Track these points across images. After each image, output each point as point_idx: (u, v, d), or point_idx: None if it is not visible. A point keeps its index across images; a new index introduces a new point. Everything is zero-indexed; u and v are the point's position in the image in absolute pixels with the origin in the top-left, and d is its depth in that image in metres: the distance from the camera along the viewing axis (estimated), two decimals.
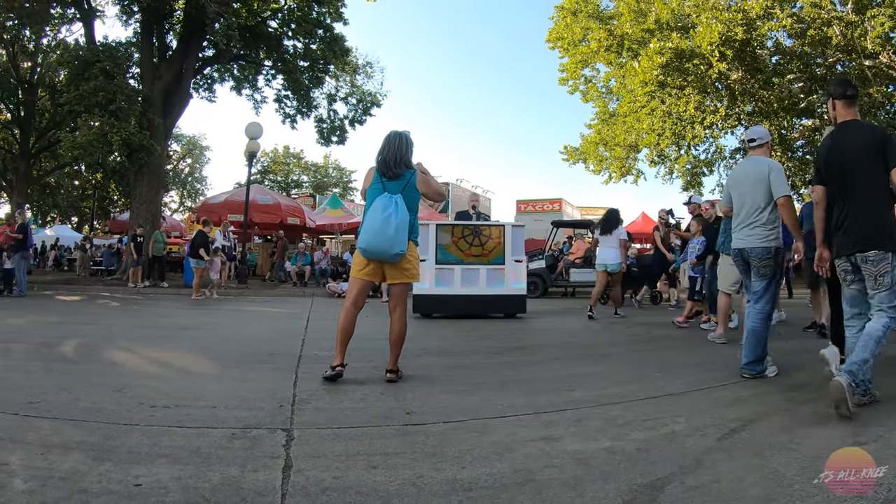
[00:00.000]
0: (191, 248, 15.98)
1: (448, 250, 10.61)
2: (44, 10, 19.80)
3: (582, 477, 2.80)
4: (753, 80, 21.09)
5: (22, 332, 7.64)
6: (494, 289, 10.66)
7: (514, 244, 10.83)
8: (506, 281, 10.72)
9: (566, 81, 27.55)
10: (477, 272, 10.63)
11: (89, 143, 17.83)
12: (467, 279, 10.58)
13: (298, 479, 2.77)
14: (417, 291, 10.50)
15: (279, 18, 23.09)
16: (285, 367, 5.58)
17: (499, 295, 10.70)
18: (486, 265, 10.66)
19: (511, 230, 10.93)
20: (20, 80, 25.87)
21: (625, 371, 5.65)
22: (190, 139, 59.51)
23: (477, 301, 10.60)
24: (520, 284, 10.91)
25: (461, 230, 10.84)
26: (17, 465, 2.86)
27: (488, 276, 10.65)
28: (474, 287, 10.57)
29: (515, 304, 10.85)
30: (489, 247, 10.73)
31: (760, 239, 5.24)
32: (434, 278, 10.50)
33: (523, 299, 10.95)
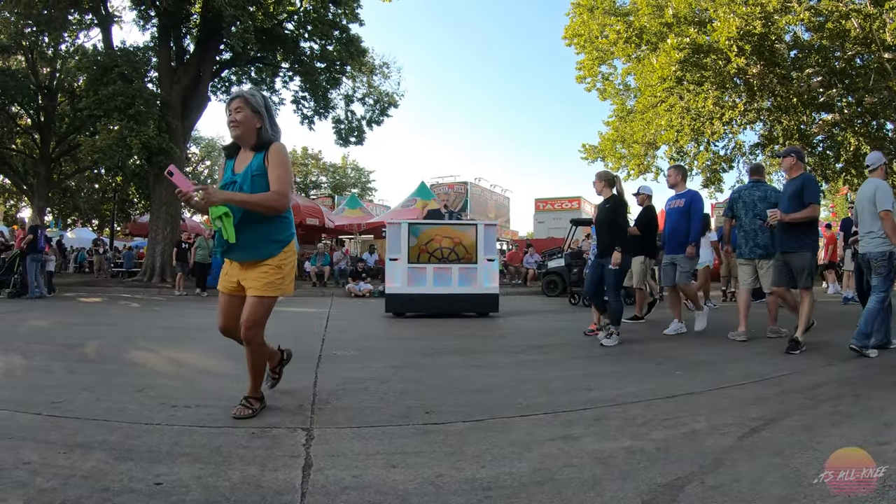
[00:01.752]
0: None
1: (420, 249, 10.63)
2: (62, 16, 20.00)
3: (601, 476, 2.78)
4: (772, 75, 20.85)
5: (44, 334, 7.72)
6: (467, 288, 10.70)
7: (486, 243, 10.84)
8: (478, 280, 10.74)
9: (583, 79, 27.38)
10: (449, 271, 10.65)
11: (109, 147, 17.98)
12: (440, 278, 10.60)
13: (318, 477, 2.77)
14: (390, 290, 10.62)
15: (295, 20, 23.12)
16: (305, 367, 5.58)
17: (471, 294, 10.74)
18: (458, 264, 10.69)
19: (483, 229, 10.95)
20: (40, 85, 26.06)
21: (644, 370, 5.61)
22: (209, 141, 59.76)
23: (449, 300, 10.62)
24: (492, 283, 10.92)
25: (433, 229, 10.88)
26: (39, 464, 2.88)
27: (461, 276, 10.69)
28: (447, 286, 10.59)
29: (488, 303, 10.87)
30: (461, 246, 10.75)
31: (876, 245, 6.23)
32: (406, 277, 10.53)
33: (495, 298, 10.96)
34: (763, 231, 7.54)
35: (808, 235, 6.66)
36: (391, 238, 10.80)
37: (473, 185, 38.69)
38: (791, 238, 6.68)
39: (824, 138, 23.37)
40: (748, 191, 7.81)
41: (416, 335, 8.40)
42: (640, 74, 24.41)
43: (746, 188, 7.92)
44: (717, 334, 8.00)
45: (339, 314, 10.73)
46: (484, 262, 10.73)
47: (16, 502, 2.47)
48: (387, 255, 10.93)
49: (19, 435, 3.37)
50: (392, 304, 10.65)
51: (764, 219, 7.33)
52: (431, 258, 10.62)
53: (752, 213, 7.62)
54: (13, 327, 8.80)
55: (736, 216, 7.95)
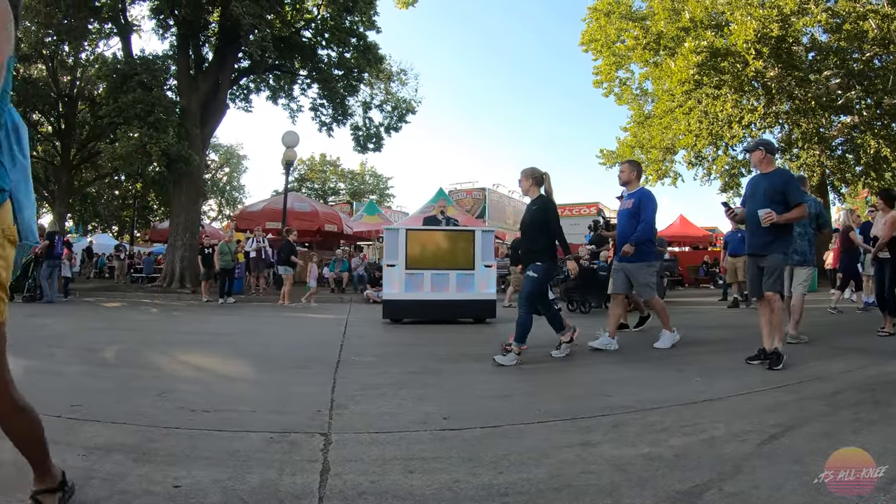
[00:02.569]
0: (278, 257, 16.48)
1: (418, 255, 10.57)
2: (81, 25, 20.24)
3: (619, 483, 2.76)
4: (790, 78, 20.73)
5: (65, 338, 7.79)
6: (464, 294, 10.62)
7: (483, 249, 10.76)
8: (476, 286, 10.67)
9: (600, 84, 27.38)
10: (447, 277, 10.59)
11: (129, 154, 18.16)
12: (437, 284, 10.54)
13: (336, 482, 2.78)
14: (387, 296, 10.57)
15: (313, 28, 23.25)
16: (324, 373, 5.60)
17: (469, 300, 10.66)
18: (455, 270, 10.61)
19: (481, 235, 10.87)
20: (60, 93, 26.40)
21: (663, 376, 5.56)
22: (228, 148, 60.33)
23: (447, 306, 10.56)
24: (489, 289, 10.85)
25: (430, 235, 10.88)
26: (58, 466, 2.89)
27: (458, 282, 10.62)
28: (444, 292, 10.53)
29: (485, 309, 10.81)
30: (458, 253, 10.71)
31: None
32: (404, 283, 10.46)
33: (493, 304, 10.89)
34: (801, 238, 7.95)
35: (781, 238, 6.15)
36: (388, 244, 10.77)
37: (491, 192, 38.55)
38: (765, 240, 6.14)
39: (843, 141, 23.22)
40: None
41: (433, 341, 8.39)
42: (657, 79, 24.38)
43: None
44: (737, 342, 7.93)
45: (358, 320, 10.74)
46: (481, 268, 10.67)
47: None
48: (384, 262, 10.91)
49: None
50: (389, 310, 10.59)
51: (803, 227, 7.86)
52: (429, 264, 10.57)
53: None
54: (34, 331, 8.88)
55: None
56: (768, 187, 6.15)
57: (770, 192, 6.11)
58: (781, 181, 6.17)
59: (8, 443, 2.35)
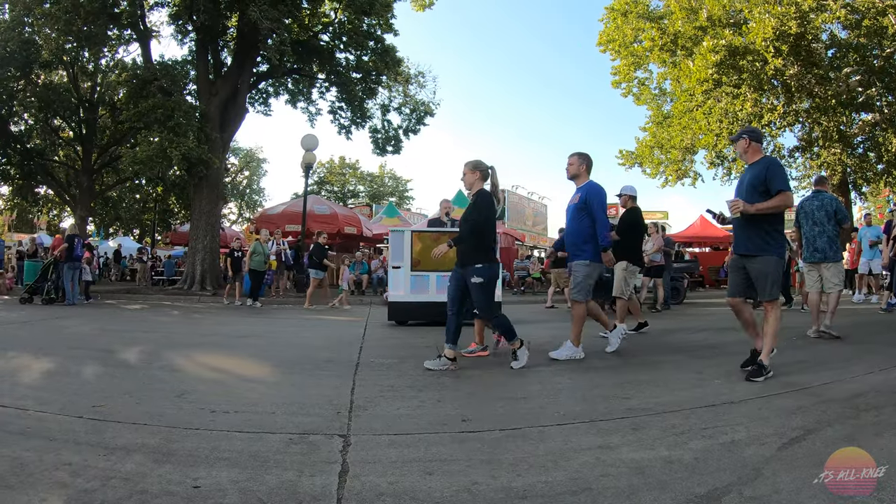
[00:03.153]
0: (310, 260, 16.50)
1: (423, 257, 10.48)
2: (101, 32, 20.41)
3: (638, 486, 2.75)
4: (809, 76, 20.51)
5: (87, 340, 7.87)
6: None
7: None
8: None
9: (619, 84, 27.27)
10: (446, 279, 10.44)
11: (149, 159, 18.33)
12: (443, 286, 10.40)
13: (354, 484, 2.78)
14: (393, 299, 10.52)
15: (330, 32, 23.34)
16: (343, 374, 5.62)
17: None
18: None
19: None
20: (81, 99, 26.67)
21: (684, 378, 5.51)
22: (247, 152, 60.70)
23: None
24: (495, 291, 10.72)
25: (436, 237, 10.69)
26: (79, 466, 2.95)
27: None
28: (444, 294, 10.38)
29: None
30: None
31: None
32: (409, 285, 10.41)
33: (498, 306, 10.71)
34: (820, 237, 8.14)
35: (772, 235, 5.54)
36: (394, 246, 10.71)
37: (511, 193, 38.44)
38: (750, 237, 5.62)
39: (865, 139, 22.92)
40: (809, 201, 8.43)
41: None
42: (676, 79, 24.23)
43: (808, 199, 8.50)
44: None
45: (377, 322, 10.75)
46: None
47: (56, 502, 2.54)
48: (389, 263, 10.86)
49: (61, 437, 3.45)
50: (395, 312, 10.55)
51: (821, 225, 7.99)
52: (434, 266, 10.38)
53: (811, 220, 8.27)
54: (56, 333, 8.99)
55: (800, 225, 8.51)
56: (751, 177, 5.67)
57: (753, 182, 5.62)
58: (763, 168, 5.58)
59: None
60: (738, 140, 5.90)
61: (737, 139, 5.94)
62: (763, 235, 5.51)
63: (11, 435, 3.48)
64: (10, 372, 5.63)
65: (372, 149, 26.38)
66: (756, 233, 5.54)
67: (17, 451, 3.15)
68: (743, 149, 5.85)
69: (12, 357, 6.48)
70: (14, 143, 25.13)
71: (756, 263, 5.54)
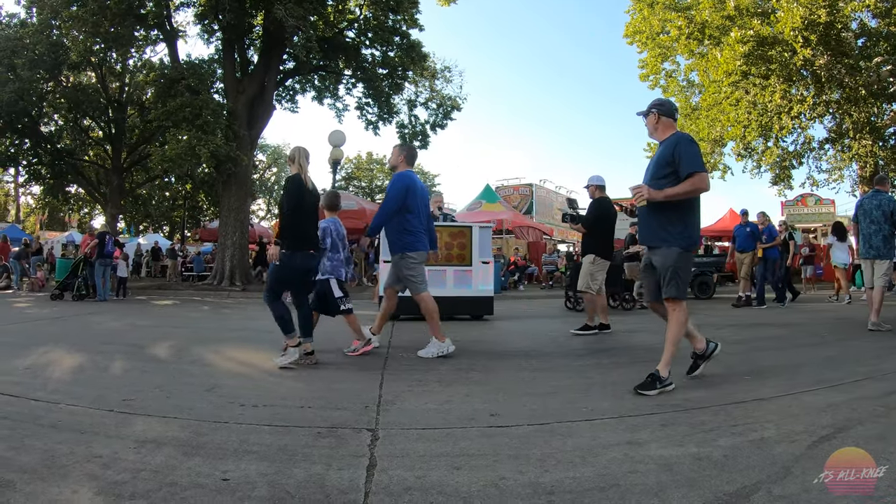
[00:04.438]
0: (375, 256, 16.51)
1: None
2: (128, 33, 20.68)
3: (666, 483, 2.71)
4: (839, 66, 20.12)
5: (118, 335, 7.96)
6: (462, 290, 10.56)
7: (480, 246, 10.68)
8: (473, 283, 10.61)
9: (646, 77, 27.01)
10: (444, 273, 10.52)
11: (178, 157, 18.52)
12: (434, 281, 10.27)
13: (382, 478, 2.78)
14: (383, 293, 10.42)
15: (356, 28, 23.41)
16: (371, 369, 5.63)
17: (466, 297, 10.60)
18: (452, 266, 10.57)
19: (478, 232, 10.77)
20: (110, 99, 27.04)
21: (713, 374, 5.42)
22: (275, 149, 61.20)
23: (444, 302, 10.18)
24: (487, 286, 10.79)
25: None
26: (110, 458, 2.98)
27: (455, 278, 10.57)
28: (441, 288, 10.31)
29: (482, 305, 10.74)
30: (456, 248, 10.65)
31: None
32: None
33: (490, 301, 10.81)
34: (876, 235, 8.38)
35: (674, 224, 4.77)
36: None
37: (538, 188, 38.29)
38: (653, 227, 4.92)
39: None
40: (868, 199, 8.66)
41: (481, 338, 8.40)
42: (703, 70, 23.93)
43: (868, 197, 8.74)
44: (789, 339, 7.78)
45: (406, 317, 10.73)
46: (479, 264, 10.61)
47: (87, 493, 2.56)
48: (381, 258, 10.84)
49: (92, 430, 3.49)
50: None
51: (878, 224, 8.22)
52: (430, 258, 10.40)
53: (869, 219, 8.50)
54: (87, 329, 9.10)
55: (857, 221, 8.73)
56: (658, 157, 4.93)
57: (659, 163, 4.86)
58: (671, 147, 4.78)
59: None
60: (648, 115, 5.12)
61: (645, 114, 5.16)
62: (665, 224, 4.78)
63: (43, 428, 3.53)
64: (42, 367, 5.71)
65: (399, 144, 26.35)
66: (659, 222, 4.82)
67: (48, 444, 3.19)
68: (652, 125, 5.08)
69: (44, 352, 6.57)
70: (45, 143, 25.58)
71: (657, 255, 4.87)
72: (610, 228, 8.78)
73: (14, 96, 20.65)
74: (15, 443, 3.23)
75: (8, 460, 2.94)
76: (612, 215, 8.76)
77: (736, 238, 14.57)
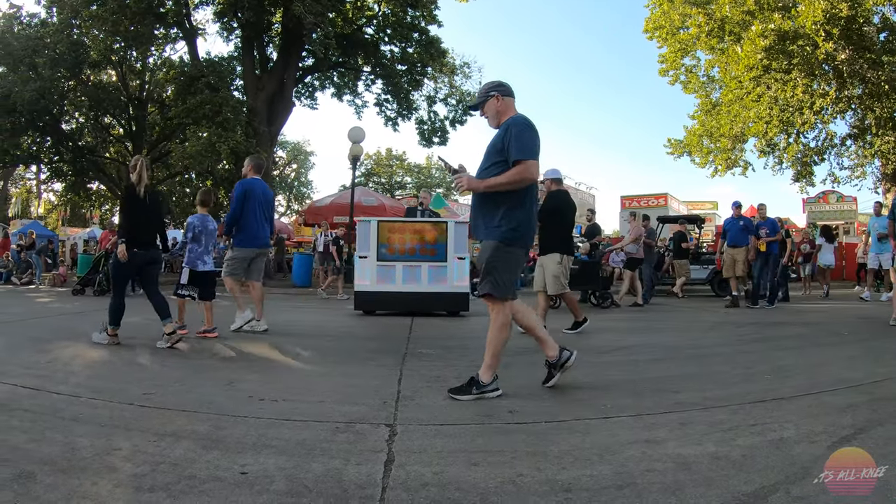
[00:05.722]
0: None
1: (389, 247, 10.50)
2: (148, 31, 20.90)
3: (684, 482, 2.68)
4: (862, 60, 19.84)
5: (138, 329, 8.01)
6: (437, 286, 10.51)
7: (456, 242, 10.61)
8: (448, 279, 10.55)
9: (666, 72, 26.81)
10: (419, 269, 10.50)
11: (199, 153, 18.70)
12: (409, 276, 10.43)
13: (399, 473, 2.78)
14: (359, 288, 10.52)
15: (374, 25, 23.49)
16: (390, 365, 5.64)
17: (441, 292, 10.54)
18: (428, 262, 10.52)
19: (454, 227, 10.72)
20: (130, 97, 27.24)
21: (732, 373, 5.40)
22: (294, 145, 61.42)
23: (419, 298, 10.41)
24: (462, 282, 10.72)
25: (403, 227, 10.82)
26: (130, 451, 3.01)
27: (430, 274, 10.52)
28: (416, 284, 10.42)
29: (458, 301, 10.68)
30: (432, 244, 10.61)
31: None
32: (375, 275, 10.40)
33: (466, 297, 10.77)
34: None
35: (495, 217, 4.33)
36: (360, 235, 10.71)
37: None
38: (477, 219, 4.54)
39: None
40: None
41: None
42: (724, 66, 23.72)
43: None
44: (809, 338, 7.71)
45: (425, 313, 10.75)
46: (454, 260, 10.55)
47: (106, 485, 2.58)
48: (356, 253, 10.85)
49: (112, 423, 3.53)
50: (361, 302, 10.57)
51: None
52: (400, 255, 10.50)
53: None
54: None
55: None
56: (491, 143, 4.48)
57: (490, 150, 4.45)
58: (503, 131, 4.35)
59: None
60: (486, 102, 4.52)
61: (483, 103, 4.55)
62: (487, 217, 4.39)
63: (64, 421, 3.57)
64: (63, 361, 5.78)
65: (418, 140, 26.52)
66: (482, 214, 4.45)
67: (69, 437, 3.22)
68: (494, 110, 4.50)
69: (66, 346, 6.65)
70: (66, 141, 25.83)
71: (481, 250, 4.49)
72: (565, 222, 8.37)
73: (36, 95, 20.84)
74: (36, 435, 3.27)
75: (29, 452, 2.97)
76: (568, 208, 8.35)
77: (727, 232, 13.24)
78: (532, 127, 4.33)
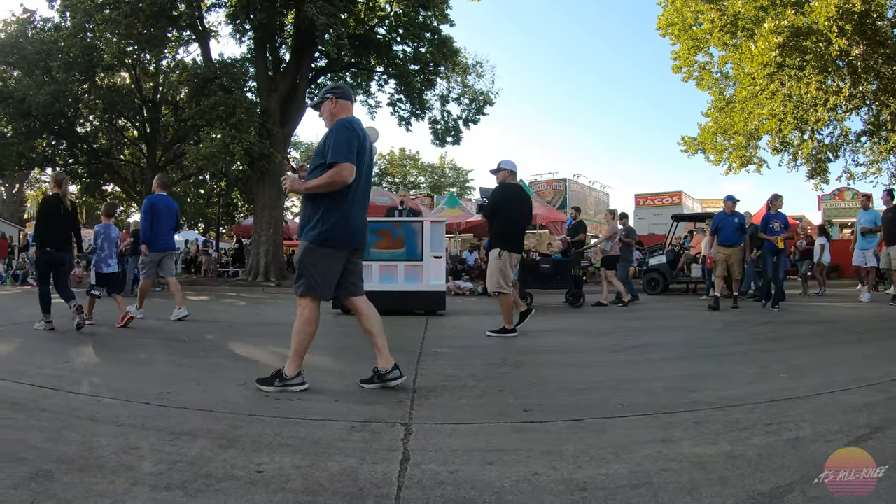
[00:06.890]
0: None
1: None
2: (161, 34, 20.97)
3: (699, 482, 2.68)
4: (876, 56, 19.64)
5: (154, 329, 8.07)
6: (413, 285, 10.49)
7: (432, 240, 10.60)
8: (424, 277, 10.54)
9: (679, 69, 26.68)
10: (395, 268, 10.51)
11: (213, 155, 18.79)
12: (385, 275, 10.41)
13: (415, 472, 2.79)
14: None
15: (387, 25, 23.48)
16: (405, 363, 5.61)
17: (417, 291, 10.51)
18: (404, 261, 10.52)
19: (430, 226, 10.71)
20: (144, 99, 27.37)
21: (748, 372, 5.37)
22: (308, 146, 61.55)
23: (396, 297, 10.25)
24: (438, 281, 10.73)
25: (380, 226, 10.81)
26: (146, 450, 3.04)
27: (406, 273, 10.51)
28: (393, 283, 10.37)
29: (434, 300, 10.62)
30: (407, 243, 10.63)
31: None
32: None
33: (442, 296, 10.75)
34: None
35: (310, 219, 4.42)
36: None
37: (572, 182, 37.91)
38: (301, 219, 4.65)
39: None
40: None
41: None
42: (737, 63, 23.58)
43: None
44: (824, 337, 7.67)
45: (440, 312, 10.76)
46: (430, 259, 10.56)
47: (123, 484, 2.60)
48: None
49: (129, 423, 3.55)
50: (339, 301, 10.51)
51: None
52: (377, 254, 10.47)
53: None
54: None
55: None
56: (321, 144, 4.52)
57: (316, 151, 4.58)
58: (328, 133, 4.43)
59: None
60: (323, 103, 4.60)
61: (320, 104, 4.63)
62: (304, 218, 4.50)
63: (81, 420, 3.60)
64: (80, 360, 5.84)
65: (431, 139, 26.44)
66: (303, 214, 4.56)
67: (86, 436, 3.26)
68: (329, 112, 4.56)
69: (83, 346, 6.69)
70: (81, 143, 26.01)
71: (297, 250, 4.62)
72: (510, 218, 7.82)
73: (50, 98, 20.97)
74: (53, 434, 3.30)
75: (46, 451, 3.00)
76: (518, 202, 7.92)
77: (720, 230, 12.15)
78: (350, 128, 4.36)
